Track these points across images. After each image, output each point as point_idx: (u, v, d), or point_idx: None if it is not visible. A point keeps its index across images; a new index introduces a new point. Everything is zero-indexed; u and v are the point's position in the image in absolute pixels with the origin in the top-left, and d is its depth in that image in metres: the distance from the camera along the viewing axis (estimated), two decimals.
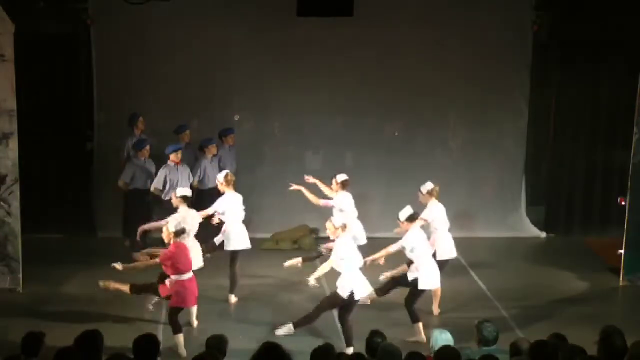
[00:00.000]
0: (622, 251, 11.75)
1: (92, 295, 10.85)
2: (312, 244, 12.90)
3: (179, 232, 9.52)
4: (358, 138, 13.63)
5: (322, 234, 12.90)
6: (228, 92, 13.46)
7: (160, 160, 12.14)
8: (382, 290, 10.13)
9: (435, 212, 10.78)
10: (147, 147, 12.35)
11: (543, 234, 13.97)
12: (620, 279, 11.83)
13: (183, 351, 9.34)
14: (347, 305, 9.48)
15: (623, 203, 11.95)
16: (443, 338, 7.03)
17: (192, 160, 12.66)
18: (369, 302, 10.22)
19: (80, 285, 11.35)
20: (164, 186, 11.94)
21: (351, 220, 10.62)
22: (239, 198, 11.00)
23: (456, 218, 13.60)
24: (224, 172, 11.13)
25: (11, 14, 10.61)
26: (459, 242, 13.16)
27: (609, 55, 13.26)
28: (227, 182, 10.92)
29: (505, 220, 13.95)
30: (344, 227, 9.56)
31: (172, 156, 12.00)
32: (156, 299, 10.14)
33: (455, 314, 10.52)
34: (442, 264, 10.42)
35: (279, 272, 11.89)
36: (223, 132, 12.95)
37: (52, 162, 13.11)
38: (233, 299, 10.95)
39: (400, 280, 10.04)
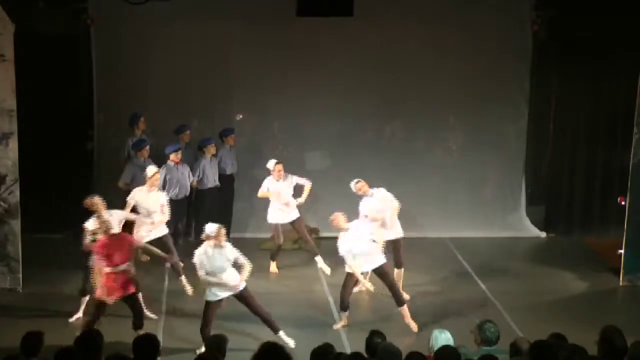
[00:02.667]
0: (622, 251, 11.75)
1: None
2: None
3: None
4: (358, 138, 13.63)
5: (322, 234, 12.93)
6: (228, 92, 13.47)
7: (160, 160, 12.14)
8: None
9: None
10: (147, 147, 12.33)
11: (543, 234, 13.95)
12: (620, 279, 11.82)
13: None
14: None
15: (623, 203, 11.95)
16: (443, 338, 7.01)
17: (192, 160, 12.65)
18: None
19: (80, 285, 11.33)
20: (163, 186, 11.93)
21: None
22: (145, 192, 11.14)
23: (456, 218, 13.68)
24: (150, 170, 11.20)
25: (11, 14, 10.62)
26: (459, 242, 13.25)
27: (609, 55, 13.24)
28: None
29: (505, 220, 13.94)
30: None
31: (172, 156, 12.00)
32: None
33: (455, 313, 10.52)
34: None
35: (279, 272, 11.94)
36: (223, 132, 12.94)
37: (52, 162, 13.09)
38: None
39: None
